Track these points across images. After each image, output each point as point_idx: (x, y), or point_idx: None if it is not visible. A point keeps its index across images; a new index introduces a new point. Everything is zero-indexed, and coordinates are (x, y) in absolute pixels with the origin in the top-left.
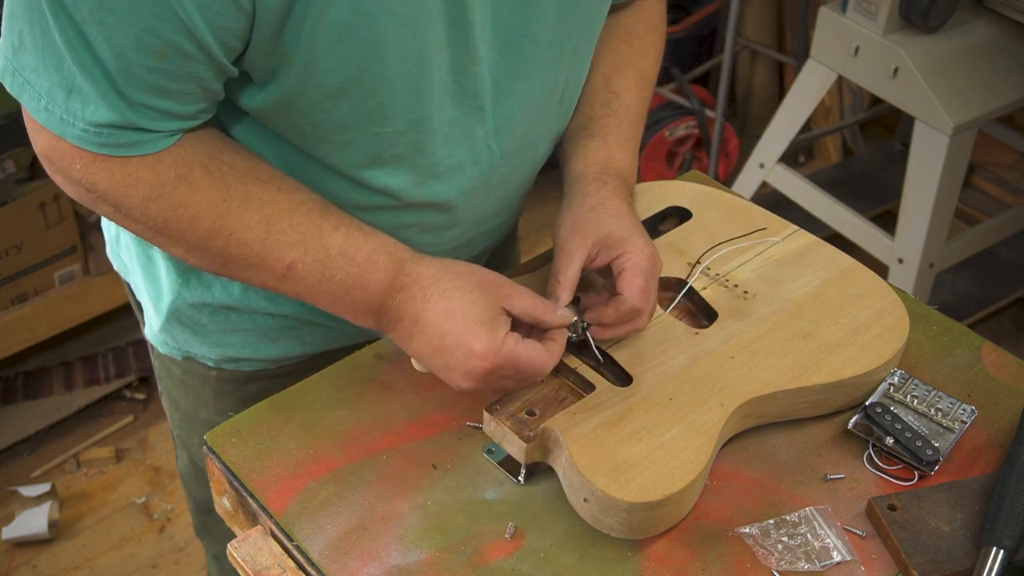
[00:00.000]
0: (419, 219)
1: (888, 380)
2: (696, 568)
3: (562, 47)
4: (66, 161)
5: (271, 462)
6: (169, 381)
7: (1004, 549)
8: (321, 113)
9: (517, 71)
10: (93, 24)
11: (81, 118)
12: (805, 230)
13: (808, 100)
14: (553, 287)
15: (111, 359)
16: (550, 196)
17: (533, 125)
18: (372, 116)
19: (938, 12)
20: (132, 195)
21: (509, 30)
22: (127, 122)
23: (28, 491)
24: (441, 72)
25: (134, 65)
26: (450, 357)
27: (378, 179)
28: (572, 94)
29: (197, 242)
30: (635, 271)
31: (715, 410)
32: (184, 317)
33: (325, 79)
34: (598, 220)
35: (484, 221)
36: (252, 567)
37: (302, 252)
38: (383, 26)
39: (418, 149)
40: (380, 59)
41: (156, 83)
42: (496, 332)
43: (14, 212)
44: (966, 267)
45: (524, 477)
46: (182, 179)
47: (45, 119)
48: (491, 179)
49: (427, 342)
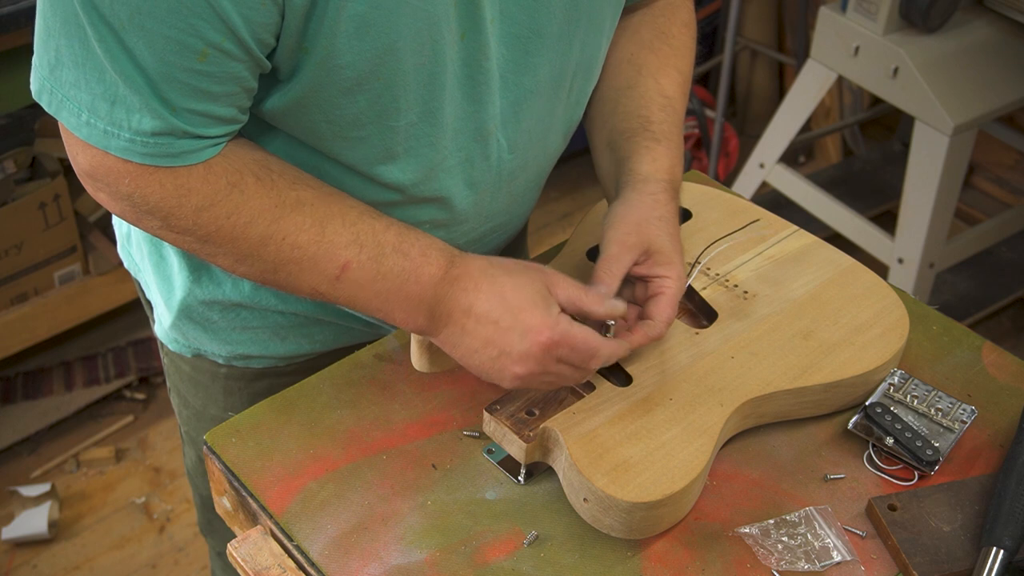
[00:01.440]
0: (429, 215)
1: (888, 380)
2: (696, 568)
3: (569, 42)
4: (112, 176)
5: (271, 462)
6: (178, 378)
7: (1004, 549)
8: (336, 109)
9: (524, 65)
10: (133, 31)
11: (127, 128)
12: (805, 230)
13: (808, 100)
14: (603, 275)
15: (111, 359)
16: (549, 196)
17: (542, 119)
18: (387, 110)
19: (938, 12)
20: (184, 205)
21: (516, 24)
22: (172, 128)
23: (28, 491)
24: (454, 65)
25: (176, 69)
26: (505, 341)
27: (388, 174)
28: (582, 89)
29: (249, 249)
30: (670, 301)
31: (715, 410)
32: (195, 314)
33: (342, 74)
34: (660, 231)
35: (494, 216)
36: (252, 567)
37: (356, 251)
38: (399, 19)
39: (429, 143)
40: (396, 52)
41: (198, 86)
42: (550, 309)
43: (14, 212)
44: (966, 267)
45: (524, 477)
46: (234, 187)
47: (87, 134)
48: (500, 174)
49: (481, 331)
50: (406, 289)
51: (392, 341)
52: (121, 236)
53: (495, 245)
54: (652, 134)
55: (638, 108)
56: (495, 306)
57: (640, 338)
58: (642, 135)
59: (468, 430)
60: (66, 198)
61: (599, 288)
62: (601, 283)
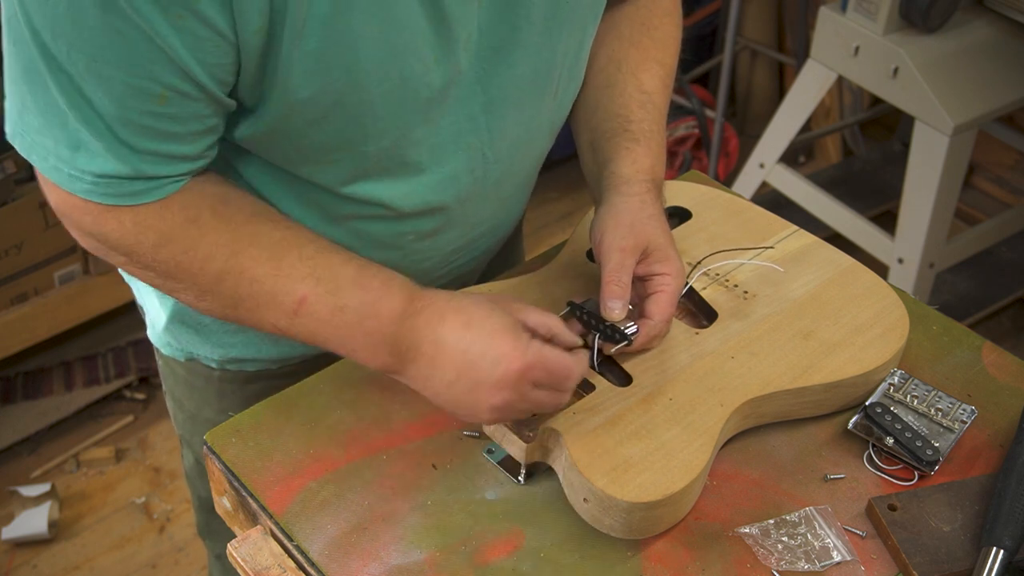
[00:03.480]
0: (413, 227)
1: (888, 380)
2: (696, 568)
3: (552, 47)
4: (77, 214)
5: (271, 462)
6: (173, 381)
7: (1004, 549)
8: (304, 138)
9: (505, 77)
10: (91, 78)
11: (89, 173)
12: (805, 230)
13: (808, 100)
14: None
15: (111, 359)
16: (549, 196)
17: (526, 125)
18: (355, 138)
19: (938, 12)
20: (143, 242)
21: (495, 37)
22: (136, 172)
23: (28, 491)
24: (429, 90)
25: (135, 113)
26: (477, 371)
27: (366, 191)
28: (567, 90)
29: (207, 284)
30: (670, 299)
31: (715, 410)
32: (187, 318)
33: (305, 108)
34: (654, 230)
35: (482, 222)
36: (252, 567)
37: (313, 284)
38: (358, 52)
39: (404, 163)
40: (359, 86)
41: (160, 128)
42: (519, 335)
43: (14, 212)
44: (966, 267)
45: (524, 477)
46: (191, 222)
47: (56, 178)
48: (486, 181)
49: (450, 363)
50: (366, 324)
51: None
52: None
53: (486, 248)
54: (632, 134)
55: (618, 108)
56: (464, 335)
57: (641, 339)
58: (622, 136)
59: (468, 430)
60: None
61: (615, 303)
62: (615, 297)
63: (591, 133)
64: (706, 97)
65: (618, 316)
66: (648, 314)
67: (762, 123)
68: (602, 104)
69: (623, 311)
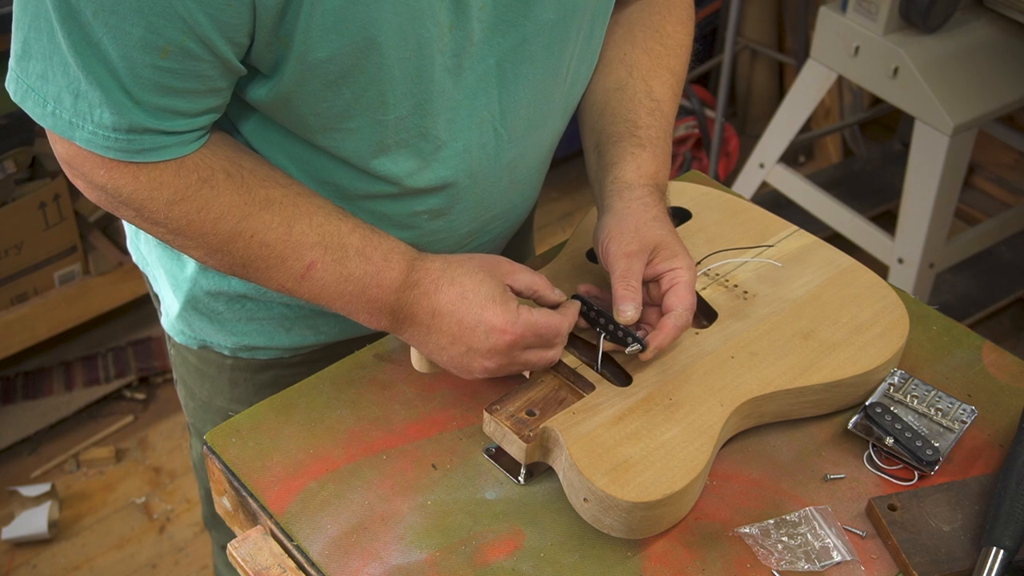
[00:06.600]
0: (427, 205)
1: (888, 380)
2: (696, 568)
3: (566, 29)
4: (87, 166)
5: (271, 462)
6: (185, 370)
7: (1004, 549)
8: (322, 102)
9: (522, 53)
10: (98, 26)
11: (90, 120)
12: (805, 230)
13: (808, 100)
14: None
15: (111, 359)
16: (550, 196)
17: (540, 106)
18: (373, 104)
19: (938, 12)
20: (156, 198)
21: (509, 11)
22: (132, 124)
23: (28, 491)
24: (444, 56)
25: (139, 64)
26: (471, 338)
27: (382, 167)
28: (580, 75)
29: (218, 244)
30: (687, 288)
31: (715, 410)
32: (201, 305)
33: (323, 69)
34: (659, 230)
35: (495, 204)
36: (252, 567)
37: (322, 252)
38: (379, 13)
39: (422, 134)
40: (377, 47)
41: (162, 82)
42: (508, 304)
43: (14, 212)
44: (966, 267)
45: (524, 477)
46: (205, 182)
47: (52, 123)
48: (499, 161)
49: (446, 330)
50: (368, 293)
51: (392, 341)
52: (130, 232)
53: (499, 233)
54: (638, 139)
55: (626, 112)
56: (457, 306)
57: (671, 331)
58: (628, 140)
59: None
60: (66, 198)
61: (627, 305)
62: (626, 300)
63: (597, 135)
64: (706, 97)
65: (631, 319)
66: (669, 307)
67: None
68: (611, 106)
69: (636, 313)
